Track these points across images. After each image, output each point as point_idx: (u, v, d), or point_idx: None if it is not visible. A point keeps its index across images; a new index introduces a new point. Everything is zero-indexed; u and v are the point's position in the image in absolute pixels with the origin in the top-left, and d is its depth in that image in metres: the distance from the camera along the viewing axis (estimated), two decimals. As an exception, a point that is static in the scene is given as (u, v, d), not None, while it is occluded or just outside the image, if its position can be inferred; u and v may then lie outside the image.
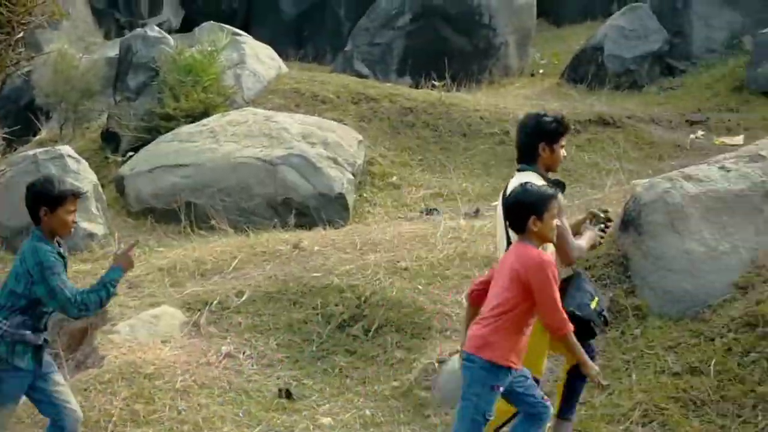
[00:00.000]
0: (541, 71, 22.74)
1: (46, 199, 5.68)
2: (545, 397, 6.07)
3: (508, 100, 18.08)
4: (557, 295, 5.66)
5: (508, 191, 6.16)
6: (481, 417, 5.72)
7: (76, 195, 5.88)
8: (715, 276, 8.20)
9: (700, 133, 16.30)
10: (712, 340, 7.71)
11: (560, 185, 6.39)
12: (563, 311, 5.69)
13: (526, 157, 6.45)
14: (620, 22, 21.67)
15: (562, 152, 6.53)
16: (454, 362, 7.54)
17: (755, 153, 9.08)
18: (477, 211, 12.28)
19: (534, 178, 6.12)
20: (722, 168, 8.83)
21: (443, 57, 20.27)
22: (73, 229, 6.09)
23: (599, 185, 11.81)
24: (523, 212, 5.72)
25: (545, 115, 6.60)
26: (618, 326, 8.26)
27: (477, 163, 15.24)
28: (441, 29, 21.59)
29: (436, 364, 8.19)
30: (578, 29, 24.75)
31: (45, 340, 6.03)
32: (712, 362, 7.43)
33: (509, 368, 5.67)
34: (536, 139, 6.40)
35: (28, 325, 5.75)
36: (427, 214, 12.74)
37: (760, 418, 6.86)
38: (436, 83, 18.71)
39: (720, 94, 18.82)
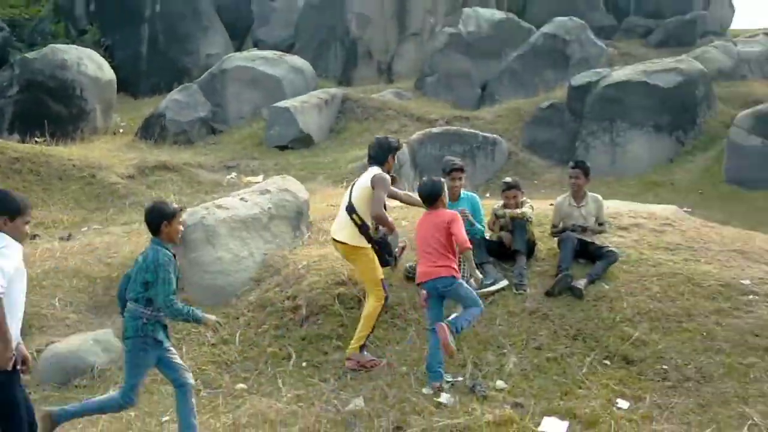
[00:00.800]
0: (121, 131, 21.96)
1: (167, 215, 5.49)
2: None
3: (95, 152, 17.29)
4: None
5: (362, 181, 7.07)
6: None
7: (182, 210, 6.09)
8: (239, 274, 8.39)
9: (233, 174, 16.63)
10: (237, 318, 7.89)
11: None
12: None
13: (377, 162, 7.15)
14: (177, 97, 21.65)
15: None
16: (49, 349, 7.25)
17: (264, 188, 9.43)
18: (69, 235, 11.62)
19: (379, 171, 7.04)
20: (242, 199, 9.09)
21: (44, 119, 19.09)
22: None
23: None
24: (438, 194, 6.50)
25: (392, 139, 7.40)
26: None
27: (70, 200, 14.41)
28: (43, 98, 20.24)
29: (35, 353, 7.61)
30: (150, 101, 24.28)
31: None
32: (237, 334, 7.60)
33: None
34: (387, 152, 7.14)
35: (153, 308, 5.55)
36: (31, 239, 11.81)
37: (270, 369, 7.09)
38: (38, 139, 17.60)
39: (247, 148, 19.33)
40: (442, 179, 6.85)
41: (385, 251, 7.10)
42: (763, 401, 6.01)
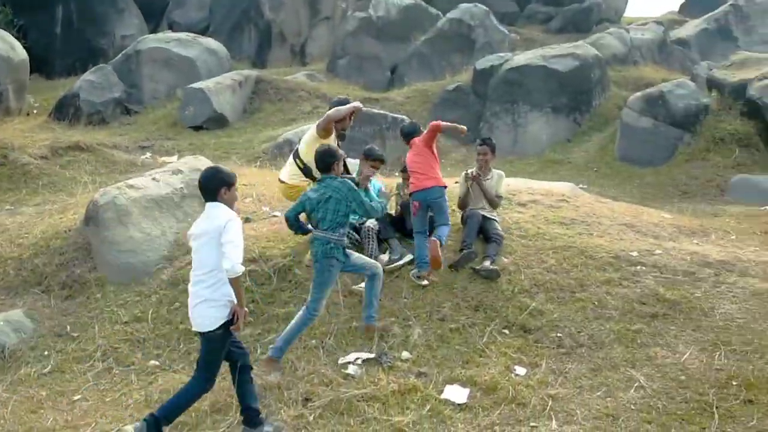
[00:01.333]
0: (35, 111, 21.00)
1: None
2: None
3: (8, 133, 16.46)
4: None
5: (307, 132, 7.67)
6: None
7: None
8: (151, 253, 8.18)
9: (148, 154, 16.15)
10: (150, 296, 7.70)
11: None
12: None
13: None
14: (92, 77, 20.80)
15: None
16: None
17: (176, 168, 9.20)
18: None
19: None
20: (154, 179, 8.84)
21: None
22: None
23: (76, 193, 11.20)
24: (415, 132, 7.72)
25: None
26: (84, 293, 7.95)
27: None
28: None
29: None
30: (64, 82, 23.28)
31: None
32: (150, 312, 7.42)
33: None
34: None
35: (343, 233, 6.19)
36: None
37: (182, 346, 6.95)
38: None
39: (162, 128, 18.75)
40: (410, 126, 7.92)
41: None
42: (649, 365, 6.19)
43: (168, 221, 8.50)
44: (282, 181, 7.77)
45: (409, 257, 7.57)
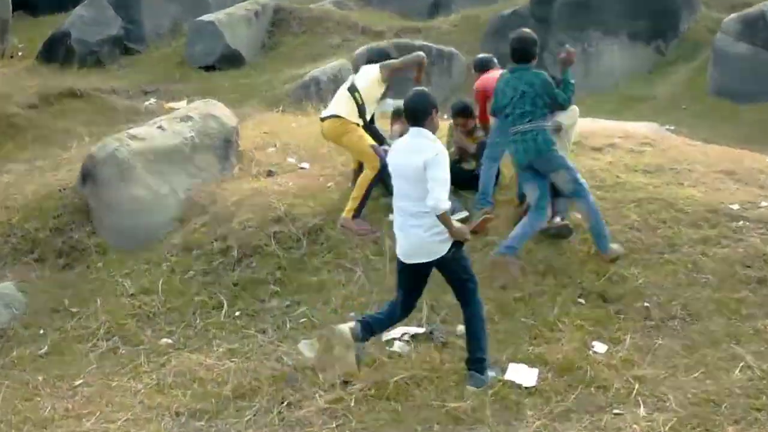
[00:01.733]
0: (20, 54, 21.20)
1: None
2: None
3: (-11, 78, 16.77)
4: None
5: (367, 68, 8.18)
6: None
7: None
8: (158, 214, 8.23)
9: (152, 100, 16.18)
10: (159, 264, 7.74)
11: None
12: None
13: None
14: (84, 12, 20.82)
15: None
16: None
17: (185, 114, 9.20)
18: None
19: None
20: (160, 128, 8.84)
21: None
22: None
23: (70, 147, 11.27)
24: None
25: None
26: (84, 262, 8.05)
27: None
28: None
29: None
30: (51, 19, 23.38)
31: None
32: (160, 282, 7.45)
33: None
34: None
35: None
36: None
37: (198, 321, 7.01)
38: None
39: (167, 69, 18.86)
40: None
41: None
42: (757, 340, 6.07)
43: (178, 177, 8.52)
44: (336, 116, 7.76)
45: (464, 213, 7.48)
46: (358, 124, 7.75)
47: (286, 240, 7.55)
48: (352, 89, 7.82)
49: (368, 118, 7.93)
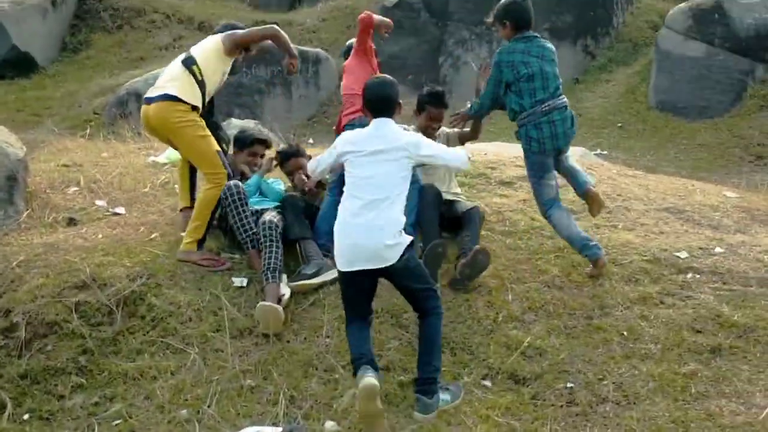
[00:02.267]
0: None
1: None
2: None
3: None
4: None
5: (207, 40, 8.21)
6: None
7: None
8: None
9: None
10: None
11: None
12: None
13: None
14: None
15: None
16: None
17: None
18: None
19: None
20: None
21: None
22: None
23: None
24: None
25: None
26: None
27: None
28: None
29: None
30: None
31: None
32: None
33: None
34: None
35: None
36: None
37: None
38: None
39: (-71, 79, 18.51)
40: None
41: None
42: (711, 427, 6.22)
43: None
44: (169, 97, 7.77)
45: (332, 274, 7.56)
46: (198, 112, 7.86)
47: (94, 313, 7.43)
48: (189, 62, 7.90)
49: (207, 102, 8.07)
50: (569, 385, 6.73)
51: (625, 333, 7.14)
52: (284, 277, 7.62)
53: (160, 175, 9.84)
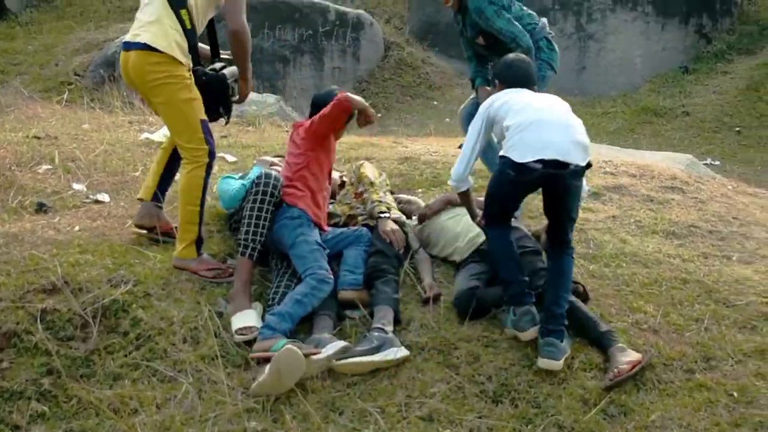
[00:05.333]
0: None
1: None
2: None
3: None
4: None
5: None
6: None
7: None
8: None
9: None
10: None
11: None
12: None
13: None
14: None
15: None
16: None
17: None
18: None
19: None
20: None
21: None
22: None
23: None
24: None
25: None
26: None
27: None
28: None
29: None
30: None
31: None
32: None
33: None
34: None
35: None
36: None
37: None
38: None
39: None
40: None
41: (218, 96, 8.13)
42: None
43: None
44: (149, 48, 7.75)
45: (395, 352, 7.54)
46: (187, 67, 7.90)
47: (64, 324, 7.46)
48: (178, 2, 7.83)
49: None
50: (658, 457, 6.72)
51: (735, 394, 7.08)
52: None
53: (154, 157, 9.86)
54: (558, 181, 7.28)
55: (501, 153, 7.41)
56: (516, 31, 9.11)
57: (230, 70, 8.20)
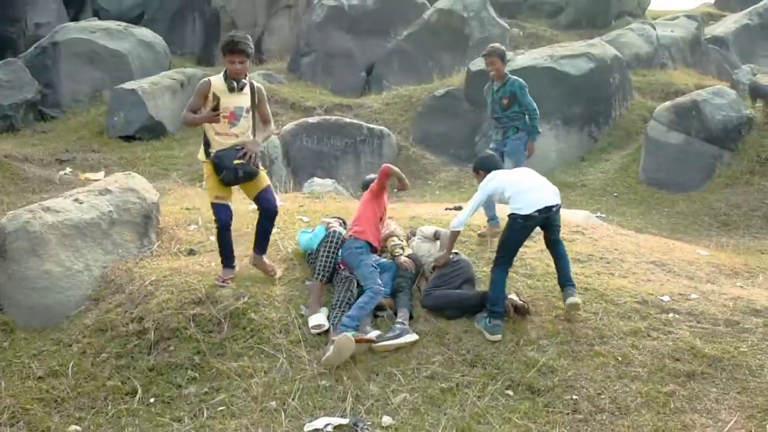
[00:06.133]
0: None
1: None
2: None
3: None
4: None
5: None
6: None
7: None
8: (71, 291, 8.12)
9: (68, 170, 16.07)
10: (70, 345, 7.63)
11: None
12: None
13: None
14: (-2, 74, 20.71)
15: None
16: None
17: (104, 188, 9.14)
18: None
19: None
20: (76, 200, 8.78)
21: None
22: None
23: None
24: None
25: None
26: (-13, 342, 7.89)
27: None
28: None
29: None
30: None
31: None
32: (70, 365, 7.34)
33: None
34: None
35: None
36: None
37: (110, 407, 6.87)
38: None
39: (85, 138, 18.75)
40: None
41: (219, 165, 7.64)
42: (685, 434, 6.22)
43: (93, 253, 8.45)
44: None
45: (409, 338, 7.47)
46: (204, 161, 7.82)
47: (206, 323, 7.53)
48: None
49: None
50: (574, 397, 6.69)
51: (619, 358, 7.08)
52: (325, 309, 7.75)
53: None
54: (550, 217, 7.58)
55: (510, 212, 7.59)
56: (535, 105, 9.78)
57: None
